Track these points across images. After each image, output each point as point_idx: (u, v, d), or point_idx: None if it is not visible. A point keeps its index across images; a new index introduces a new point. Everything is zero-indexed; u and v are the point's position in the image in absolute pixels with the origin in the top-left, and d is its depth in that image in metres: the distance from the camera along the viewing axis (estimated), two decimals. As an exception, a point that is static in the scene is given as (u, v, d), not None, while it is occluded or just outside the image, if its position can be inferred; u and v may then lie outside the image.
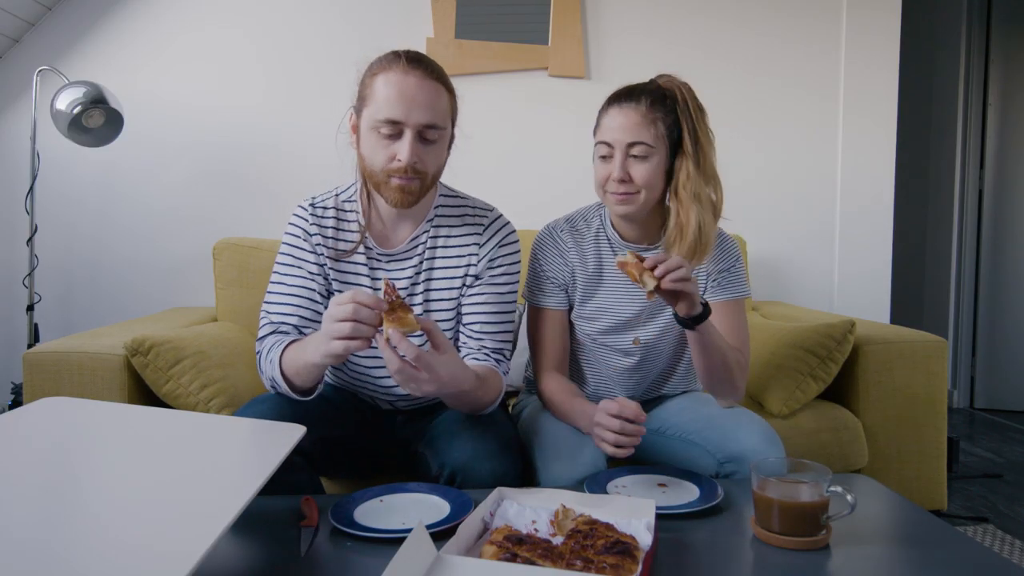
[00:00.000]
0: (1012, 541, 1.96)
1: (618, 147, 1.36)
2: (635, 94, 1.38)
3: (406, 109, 1.22)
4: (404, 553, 0.78)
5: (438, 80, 1.27)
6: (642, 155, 1.36)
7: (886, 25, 2.74)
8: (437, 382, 1.11)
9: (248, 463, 1.02)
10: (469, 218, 1.41)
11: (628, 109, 1.37)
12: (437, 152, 1.29)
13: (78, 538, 0.77)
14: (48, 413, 1.12)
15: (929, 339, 1.92)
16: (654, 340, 1.49)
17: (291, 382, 1.24)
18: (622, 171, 1.36)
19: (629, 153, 1.36)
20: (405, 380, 1.10)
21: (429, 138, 1.26)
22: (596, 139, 1.42)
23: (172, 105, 2.47)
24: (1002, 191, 3.55)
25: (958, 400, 3.62)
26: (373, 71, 1.28)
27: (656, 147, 1.36)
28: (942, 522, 1.07)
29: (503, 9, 2.57)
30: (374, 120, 1.24)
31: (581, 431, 1.33)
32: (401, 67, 1.24)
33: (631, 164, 1.36)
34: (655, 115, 1.36)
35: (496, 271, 1.40)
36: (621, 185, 1.36)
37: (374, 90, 1.25)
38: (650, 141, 1.36)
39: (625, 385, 1.53)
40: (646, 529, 0.94)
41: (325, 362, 1.14)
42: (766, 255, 2.69)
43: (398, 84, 1.23)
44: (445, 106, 1.28)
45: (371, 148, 1.26)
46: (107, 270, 2.48)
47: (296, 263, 1.35)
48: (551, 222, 1.53)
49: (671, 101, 1.38)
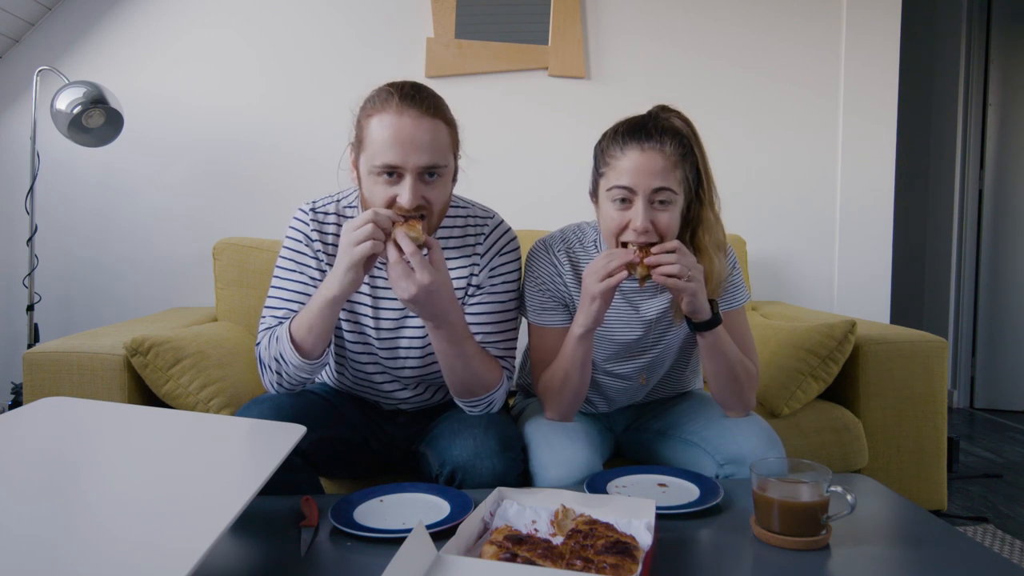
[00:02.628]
0: (1012, 541, 1.95)
1: (642, 193, 1.24)
2: (654, 133, 1.25)
3: (403, 154, 1.18)
4: (404, 553, 0.78)
5: (435, 116, 1.22)
6: (666, 201, 1.25)
7: (886, 25, 2.74)
8: (420, 285, 1.16)
9: (248, 463, 1.02)
10: (471, 227, 1.40)
11: (652, 152, 1.24)
12: (441, 190, 1.25)
13: (78, 538, 0.77)
14: (48, 413, 1.12)
15: (929, 339, 1.92)
16: (659, 361, 1.46)
17: (300, 346, 1.24)
18: (645, 221, 1.23)
19: (653, 199, 1.25)
20: (397, 277, 1.16)
21: (430, 178, 1.22)
22: (609, 180, 1.27)
23: (172, 105, 2.47)
24: (1002, 191, 3.55)
25: (958, 400, 3.62)
26: (367, 112, 1.23)
27: (679, 193, 1.27)
28: (942, 522, 1.07)
29: (503, 9, 2.57)
30: (372, 165, 1.20)
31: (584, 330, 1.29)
32: (395, 107, 1.19)
33: (655, 212, 1.25)
34: (677, 158, 1.25)
35: (496, 280, 1.39)
36: (643, 235, 1.24)
37: (369, 133, 1.21)
38: (675, 187, 1.25)
39: (629, 397, 1.53)
40: (646, 529, 0.94)
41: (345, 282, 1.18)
42: (766, 255, 2.69)
43: (393, 127, 1.18)
44: (445, 142, 1.23)
45: (371, 192, 1.23)
46: (107, 270, 2.48)
47: (297, 268, 1.35)
48: (545, 238, 1.45)
49: (687, 141, 1.28)
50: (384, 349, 1.39)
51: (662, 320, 1.43)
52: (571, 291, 1.41)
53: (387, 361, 1.40)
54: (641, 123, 1.28)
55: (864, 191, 2.76)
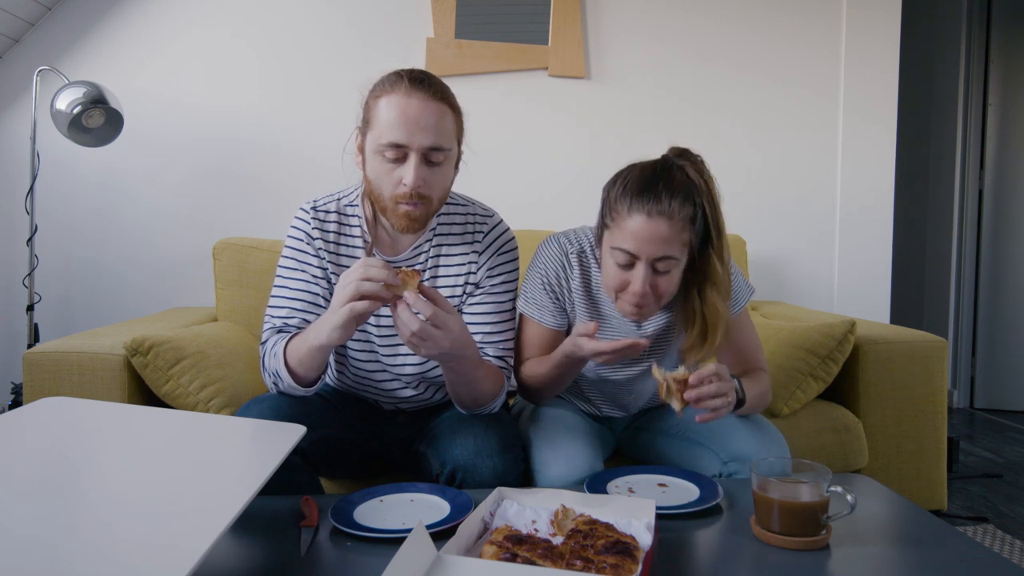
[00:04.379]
0: (1012, 541, 1.95)
1: (644, 259, 1.23)
2: (663, 195, 1.21)
3: (410, 132, 1.20)
4: (404, 553, 0.78)
5: (442, 100, 1.24)
6: (668, 268, 1.25)
7: (886, 25, 2.74)
8: (451, 337, 1.14)
9: (248, 463, 1.02)
10: (470, 226, 1.41)
11: (658, 219, 1.21)
12: (443, 174, 1.27)
13: (78, 538, 0.77)
14: (48, 413, 1.12)
15: (929, 339, 1.92)
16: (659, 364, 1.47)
17: (295, 372, 1.25)
18: (644, 285, 1.24)
19: (655, 266, 1.24)
20: (421, 340, 1.13)
21: (434, 160, 1.24)
22: (614, 240, 1.26)
23: (172, 105, 2.47)
24: (1002, 191, 3.55)
25: (958, 400, 3.62)
26: (376, 93, 1.25)
27: (682, 258, 1.26)
28: (942, 522, 1.07)
29: (503, 9, 2.57)
30: (378, 144, 1.22)
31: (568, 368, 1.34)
32: (404, 89, 1.22)
33: (655, 277, 1.25)
34: (683, 221, 1.22)
35: (495, 279, 1.40)
36: (642, 298, 1.25)
37: (377, 113, 1.23)
38: (678, 254, 1.24)
39: (628, 405, 1.53)
40: (646, 529, 0.94)
41: (334, 336, 1.15)
42: (766, 255, 2.70)
43: (401, 107, 1.21)
44: (450, 127, 1.25)
45: (376, 172, 1.25)
46: (107, 270, 2.48)
47: (299, 267, 1.36)
48: (559, 237, 1.43)
49: (697, 195, 1.24)
50: (385, 347, 1.40)
51: (661, 338, 1.44)
52: (573, 297, 1.41)
53: (388, 359, 1.41)
54: (651, 181, 1.23)
55: (864, 191, 2.76)
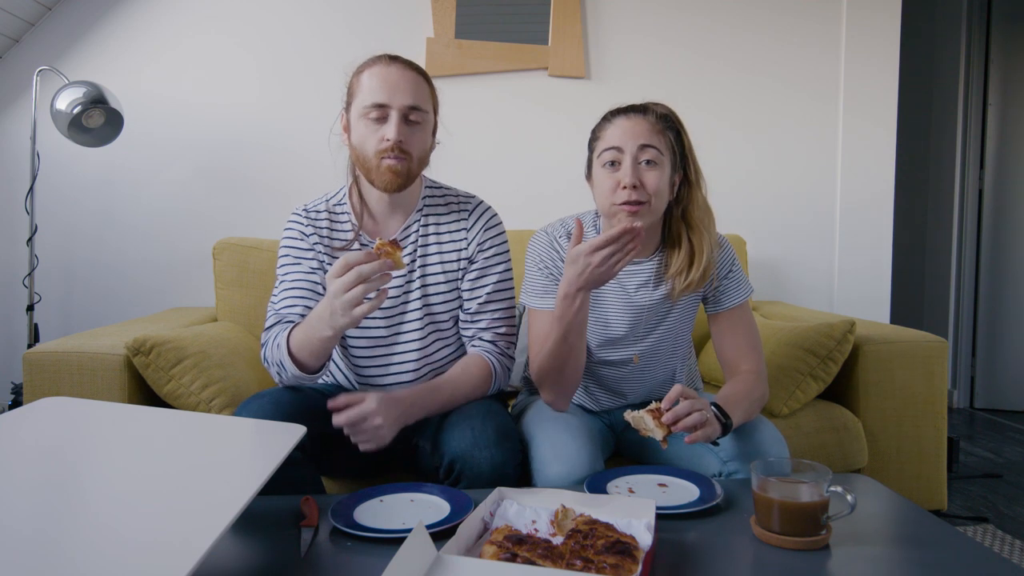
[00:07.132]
0: (1012, 541, 1.95)
1: (628, 151, 1.31)
2: (639, 107, 1.37)
3: (390, 93, 1.32)
4: (404, 553, 0.78)
5: (418, 73, 1.38)
6: (653, 160, 1.32)
7: (886, 25, 2.74)
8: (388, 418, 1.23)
9: (248, 463, 1.02)
10: (454, 205, 1.49)
11: (637, 117, 1.34)
12: (422, 135, 1.37)
13: (79, 538, 0.77)
14: (48, 413, 1.12)
15: (929, 339, 1.92)
16: (653, 349, 1.48)
17: (300, 362, 1.28)
18: (633, 176, 1.30)
19: (640, 158, 1.32)
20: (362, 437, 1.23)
21: (414, 119, 1.35)
22: (600, 148, 1.36)
23: (172, 105, 2.47)
24: (1002, 191, 3.55)
25: (958, 400, 3.62)
26: (359, 70, 1.39)
27: (665, 157, 1.33)
28: (942, 522, 1.07)
29: (503, 9, 2.57)
30: (362, 107, 1.34)
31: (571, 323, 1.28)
32: (384, 61, 1.37)
33: (642, 171, 1.31)
34: (661, 124, 1.35)
35: (487, 252, 1.46)
36: (633, 192, 1.30)
37: (360, 84, 1.36)
38: (661, 148, 1.33)
39: (627, 393, 1.53)
40: (646, 529, 0.94)
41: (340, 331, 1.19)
42: (766, 255, 2.69)
43: (382, 74, 1.34)
44: (426, 93, 1.38)
45: (361, 135, 1.35)
46: (107, 270, 2.48)
47: (297, 260, 1.42)
48: (546, 227, 1.49)
49: (671, 119, 1.37)
50: (386, 328, 1.43)
51: (657, 309, 1.45)
52: None
53: (388, 338, 1.44)
54: (626, 105, 1.39)
55: (864, 191, 2.76)
